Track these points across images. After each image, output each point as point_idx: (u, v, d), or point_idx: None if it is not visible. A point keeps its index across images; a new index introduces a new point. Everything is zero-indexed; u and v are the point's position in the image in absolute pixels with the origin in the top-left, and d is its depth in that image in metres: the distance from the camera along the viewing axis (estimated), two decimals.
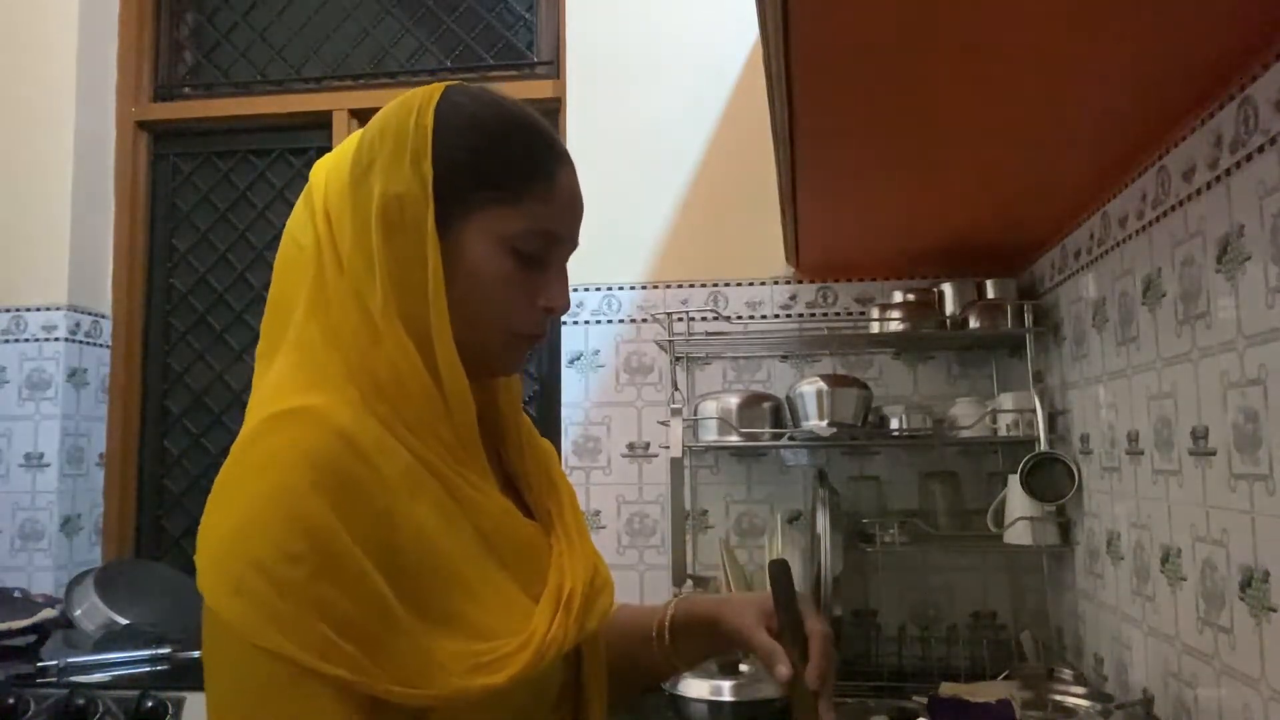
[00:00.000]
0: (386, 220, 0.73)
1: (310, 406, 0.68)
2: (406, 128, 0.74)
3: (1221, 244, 1.04)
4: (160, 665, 1.75)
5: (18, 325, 2.25)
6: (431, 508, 0.70)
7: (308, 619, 0.61)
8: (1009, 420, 1.75)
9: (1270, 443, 0.95)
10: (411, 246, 0.73)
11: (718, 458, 1.98)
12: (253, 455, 0.66)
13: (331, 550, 0.63)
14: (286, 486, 0.63)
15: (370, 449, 0.67)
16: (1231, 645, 1.04)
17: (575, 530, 0.83)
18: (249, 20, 2.47)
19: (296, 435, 0.66)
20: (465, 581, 0.70)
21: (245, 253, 2.40)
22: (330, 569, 0.62)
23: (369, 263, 0.72)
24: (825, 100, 1.06)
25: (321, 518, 0.63)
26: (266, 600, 0.61)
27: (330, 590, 0.62)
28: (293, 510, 0.63)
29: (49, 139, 2.27)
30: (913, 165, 1.31)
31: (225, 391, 2.37)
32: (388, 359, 0.71)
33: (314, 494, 0.63)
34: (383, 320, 0.72)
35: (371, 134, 0.76)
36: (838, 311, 2.00)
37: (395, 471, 0.69)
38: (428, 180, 0.73)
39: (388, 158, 0.74)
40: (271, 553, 0.62)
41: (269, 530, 0.62)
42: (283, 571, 0.61)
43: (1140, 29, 0.88)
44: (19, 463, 2.21)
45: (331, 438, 0.66)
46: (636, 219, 2.06)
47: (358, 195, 0.74)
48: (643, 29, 2.11)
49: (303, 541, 0.62)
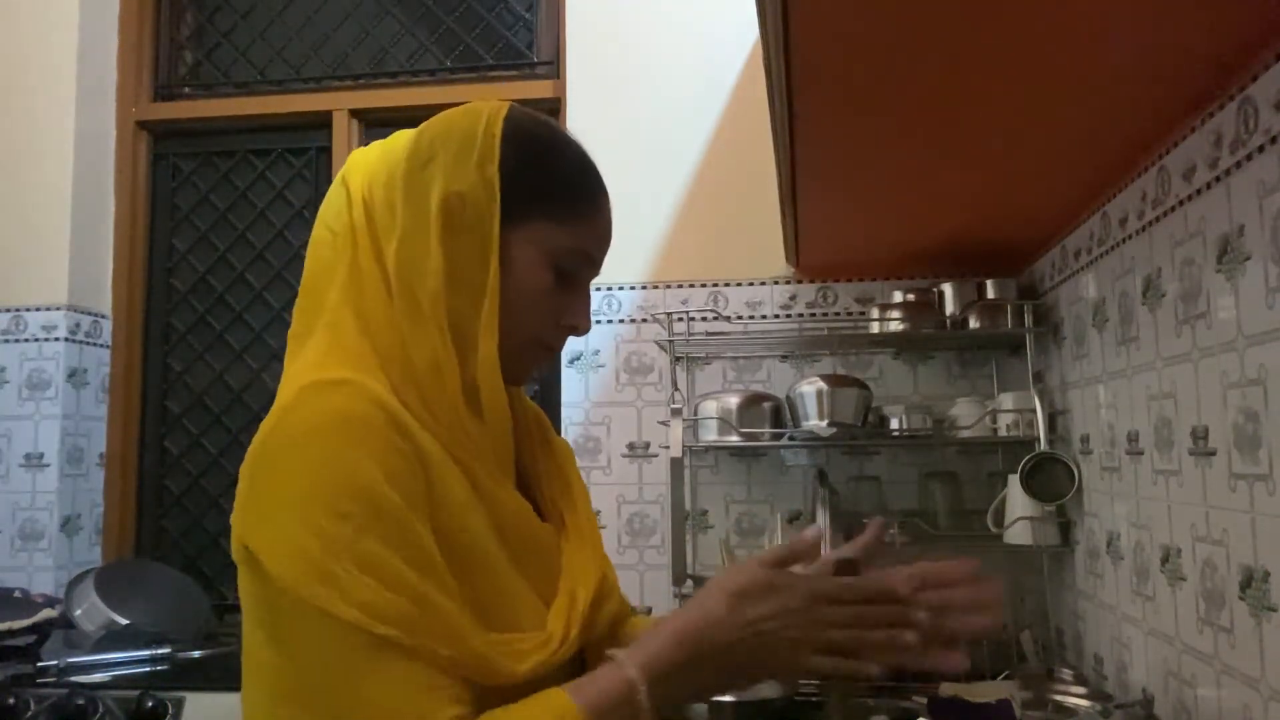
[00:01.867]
0: (449, 216, 0.75)
1: (350, 379, 0.69)
2: (475, 132, 0.77)
3: (1221, 244, 1.04)
4: (160, 665, 1.75)
5: (18, 325, 2.25)
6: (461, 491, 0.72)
7: (360, 578, 0.63)
8: (1009, 420, 1.75)
9: (1270, 443, 0.95)
10: (473, 246, 0.75)
11: (718, 458, 1.98)
12: (294, 421, 0.68)
13: (380, 507, 0.65)
14: (332, 448, 0.65)
15: (409, 425, 0.70)
16: (1231, 645, 1.04)
17: (587, 533, 0.84)
18: (249, 20, 2.47)
19: (339, 402, 0.68)
20: (491, 571, 0.72)
21: (245, 253, 2.40)
22: (378, 526, 0.64)
23: (424, 252, 0.74)
24: (825, 100, 1.06)
25: (368, 476, 0.65)
26: (320, 561, 0.63)
27: (383, 549, 0.64)
28: (340, 470, 0.65)
29: (49, 139, 2.27)
30: (913, 165, 1.31)
31: (225, 391, 2.37)
32: (428, 345, 0.73)
33: (361, 454, 0.65)
34: (430, 309, 0.74)
35: (433, 132, 0.78)
36: (838, 311, 2.00)
37: (432, 449, 0.71)
38: (494, 184, 0.75)
39: (452, 157, 0.76)
40: (320, 512, 0.63)
41: (318, 491, 0.64)
42: (332, 529, 0.63)
43: (1140, 29, 0.88)
44: (19, 463, 2.21)
45: (373, 407, 0.68)
46: (636, 219, 2.06)
47: (414, 187, 0.76)
48: (643, 29, 2.11)
49: (350, 500, 0.64)
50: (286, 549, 0.63)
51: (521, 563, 0.75)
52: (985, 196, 1.45)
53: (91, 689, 1.58)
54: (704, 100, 2.08)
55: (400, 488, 0.66)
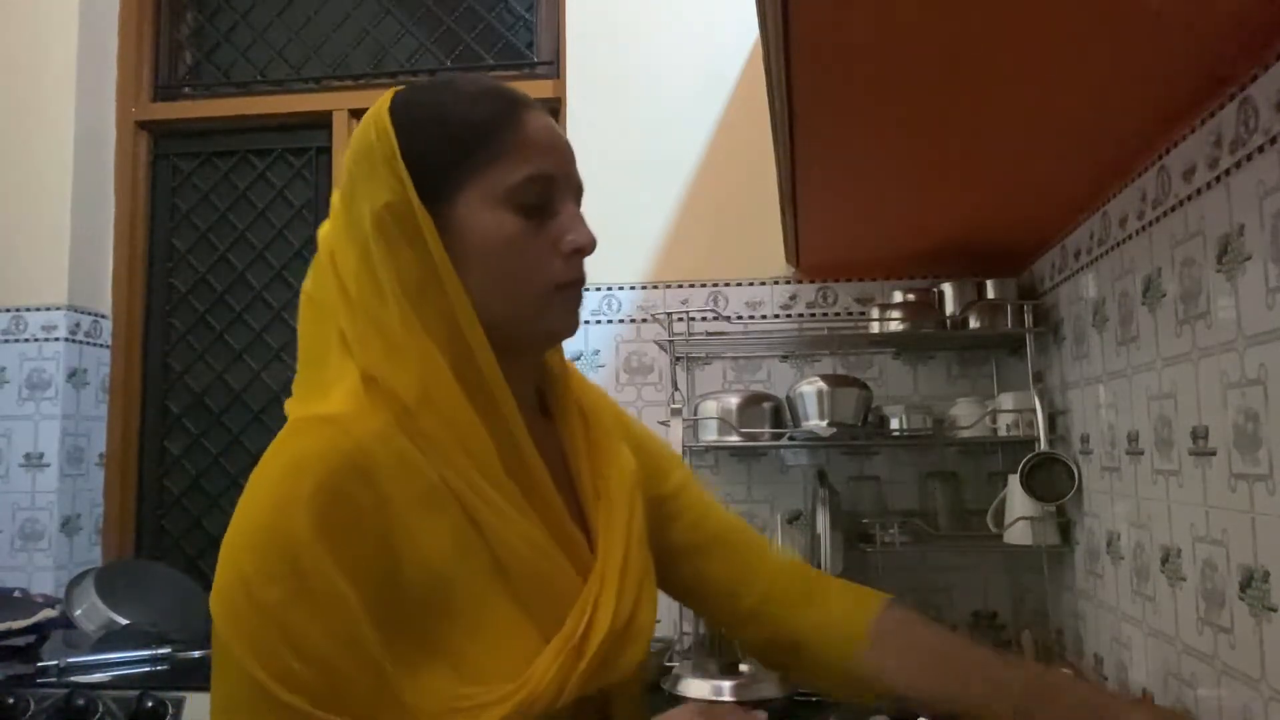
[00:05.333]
0: (383, 234, 0.72)
1: (335, 415, 0.68)
2: (370, 139, 0.75)
3: (1221, 244, 1.04)
4: (160, 665, 1.75)
5: (18, 325, 2.25)
6: (448, 533, 0.69)
7: (275, 643, 0.62)
8: (1009, 420, 1.75)
9: (1270, 443, 0.95)
10: (414, 246, 0.72)
11: (718, 458, 1.98)
12: (267, 463, 0.68)
13: (310, 575, 0.63)
14: (282, 502, 0.65)
15: (384, 468, 0.67)
16: (1231, 645, 1.04)
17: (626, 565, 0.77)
18: (249, 20, 2.47)
19: (306, 445, 0.67)
20: (468, 616, 0.69)
21: (245, 253, 2.40)
22: (306, 594, 0.63)
23: (376, 284, 0.72)
24: (825, 100, 1.06)
25: (307, 539, 0.64)
26: (243, 615, 0.63)
27: (302, 616, 0.63)
28: (281, 528, 0.64)
29: (49, 139, 2.27)
30: (913, 165, 1.31)
31: (225, 391, 2.37)
32: (414, 376, 0.70)
33: (306, 513, 0.64)
34: (404, 336, 0.71)
35: (347, 162, 0.78)
36: (838, 311, 2.00)
37: (412, 493, 0.68)
38: (404, 177, 0.73)
39: (364, 175, 0.75)
40: (255, 569, 0.64)
41: (257, 545, 0.64)
42: (260, 590, 0.63)
43: (1140, 29, 0.88)
44: (19, 463, 2.21)
45: (340, 453, 0.66)
46: (636, 219, 2.06)
47: (351, 225, 0.75)
48: (643, 29, 2.11)
49: (283, 563, 0.63)
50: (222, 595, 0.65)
51: (525, 599, 0.71)
52: (985, 196, 1.45)
53: (91, 689, 1.58)
54: (704, 100, 2.07)
55: (340, 550, 0.64)
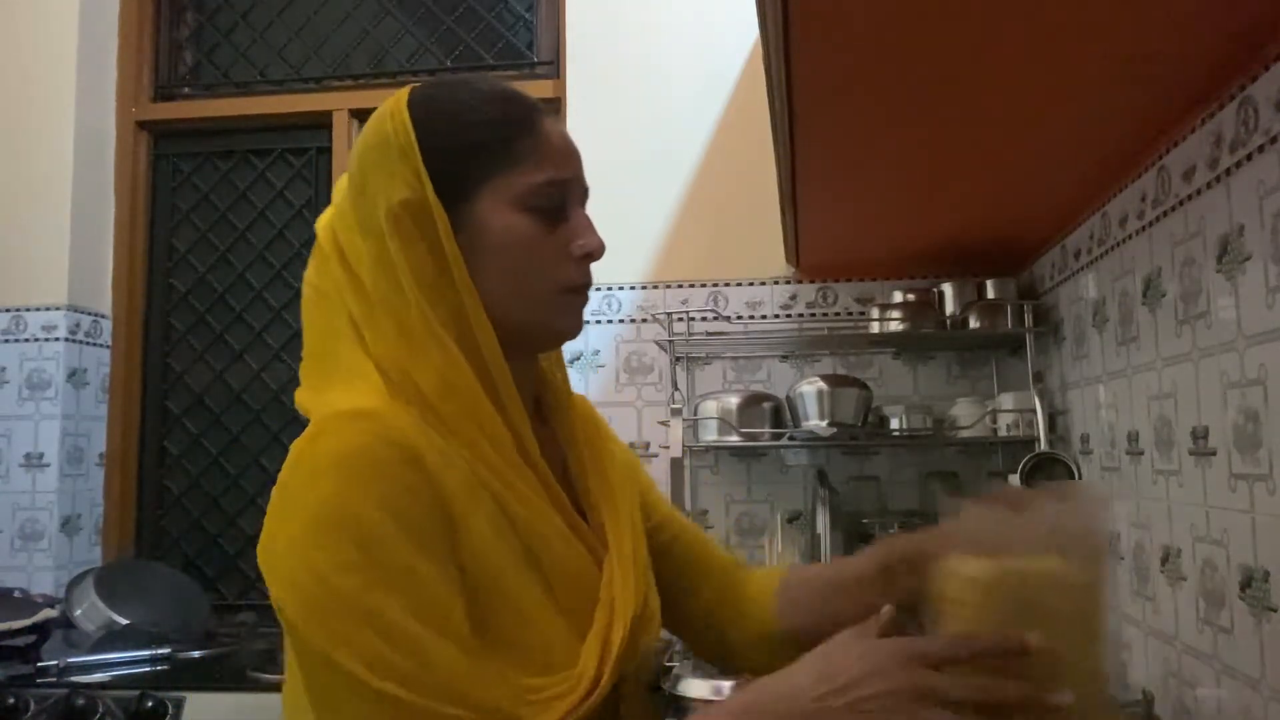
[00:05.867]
0: (399, 229, 0.73)
1: (371, 410, 0.68)
2: (386, 133, 0.75)
3: (1221, 244, 1.04)
4: (160, 665, 1.75)
5: (18, 325, 2.24)
6: (487, 523, 0.69)
7: (360, 630, 0.62)
8: (1009, 420, 1.75)
9: (1270, 443, 0.95)
10: (428, 243, 0.73)
11: (718, 458, 1.98)
12: (310, 458, 0.66)
13: (386, 557, 0.63)
14: (343, 492, 0.64)
15: (430, 457, 0.67)
16: (1231, 645, 1.04)
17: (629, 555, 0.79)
18: (249, 20, 2.47)
19: (354, 438, 0.66)
20: (519, 605, 0.70)
21: (245, 253, 2.40)
22: (384, 577, 0.63)
23: (394, 279, 0.73)
24: (825, 100, 1.06)
25: (378, 525, 0.63)
26: (325, 609, 0.62)
27: (383, 598, 0.62)
28: (348, 517, 0.63)
29: (49, 139, 2.27)
30: (913, 165, 1.31)
31: (225, 391, 2.36)
32: (435, 370, 0.71)
33: (369, 497, 0.64)
34: (423, 331, 0.72)
35: (358, 155, 0.78)
36: (838, 311, 2.00)
37: (455, 483, 0.68)
38: (422, 173, 0.73)
39: (379, 169, 0.75)
40: (328, 561, 0.62)
41: (327, 538, 0.63)
42: (338, 580, 0.62)
43: (1140, 28, 0.88)
44: (19, 463, 2.21)
45: (388, 443, 0.66)
46: (636, 219, 2.06)
47: (365, 217, 0.75)
48: (643, 29, 2.11)
49: (357, 549, 0.63)
50: (294, 594, 0.63)
51: (557, 592, 0.72)
52: (985, 196, 1.45)
53: (91, 689, 1.58)
54: (704, 100, 2.07)
55: (411, 530, 0.64)
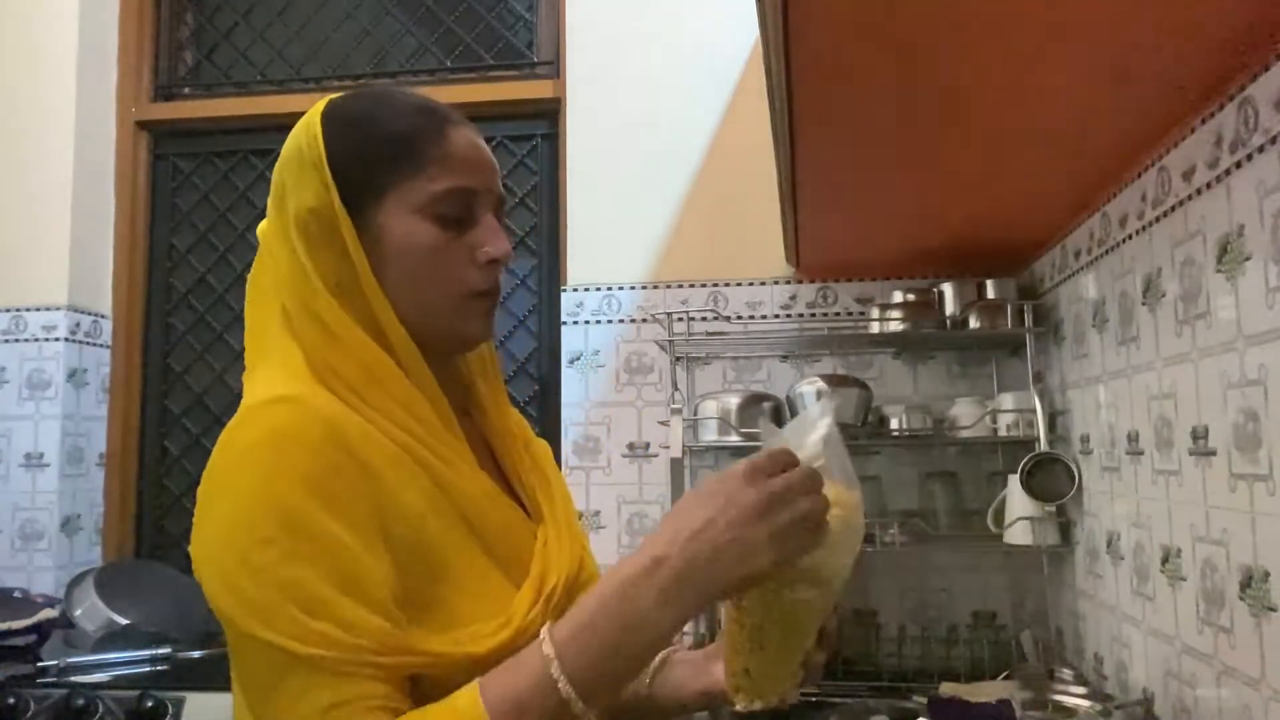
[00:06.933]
0: (306, 235, 0.77)
1: (294, 395, 0.70)
2: (300, 143, 0.79)
3: (1221, 244, 1.04)
4: (160, 665, 1.75)
5: (18, 325, 2.24)
6: (419, 495, 0.72)
7: (278, 602, 0.64)
8: (1009, 420, 1.75)
9: (1270, 443, 0.95)
10: (334, 248, 0.76)
11: (718, 458, 1.98)
12: (236, 444, 0.69)
13: (302, 528, 0.65)
14: (266, 474, 0.66)
15: (353, 435, 0.70)
16: (1231, 645, 1.04)
17: (565, 524, 0.85)
18: (249, 20, 2.47)
19: (276, 420, 0.68)
20: (450, 571, 0.73)
21: (245, 253, 2.39)
22: (300, 547, 0.65)
23: (306, 278, 0.76)
24: (825, 100, 1.06)
25: (292, 498, 0.65)
26: (246, 590, 0.64)
27: (299, 569, 0.64)
28: (270, 496, 0.66)
29: (49, 139, 2.27)
30: (913, 165, 1.31)
31: (225, 391, 2.36)
32: (353, 357, 0.75)
33: (293, 478, 0.66)
34: (336, 325, 0.75)
35: (279, 164, 0.81)
36: (838, 311, 2.00)
37: (383, 459, 0.71)
38: (329, 183, 0.76)
39: (293, 178, 0.78)
40: (248, 538, 0.65)
41: (248, 518, 0.65)
42: (257, 558, 0.64)
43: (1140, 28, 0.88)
44: (19, 463, 2.21)
45: (312, 422, 0.68)
46: (636, 219, 2.06)
47: (283, 225, 0.79)
48: (643, 29, 2.11)
49: (275, 525, 0.65)
50: (220, 581, 0.65)
51: (494, 549, 0.76)
52: (985, 196, 1.45)
53: (91, 689, 1.58)
54: (704, 100, 2.07)
55: (333, 505, 0.66)
